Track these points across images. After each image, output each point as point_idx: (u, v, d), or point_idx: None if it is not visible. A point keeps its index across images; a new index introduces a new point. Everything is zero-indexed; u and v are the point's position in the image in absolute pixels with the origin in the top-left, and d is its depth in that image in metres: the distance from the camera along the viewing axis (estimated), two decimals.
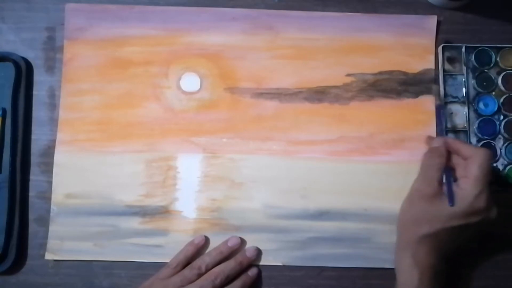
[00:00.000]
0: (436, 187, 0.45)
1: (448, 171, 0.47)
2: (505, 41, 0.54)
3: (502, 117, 0.53)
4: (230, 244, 0.50)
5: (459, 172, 0.47)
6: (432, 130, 0.53)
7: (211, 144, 0.53)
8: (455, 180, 0.46)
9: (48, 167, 0.52)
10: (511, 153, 0.52)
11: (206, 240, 0.51)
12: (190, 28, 0.54)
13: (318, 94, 0.53)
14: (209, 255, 0.49)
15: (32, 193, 0.52)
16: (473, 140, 0.53)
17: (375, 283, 0.51)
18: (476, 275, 0.51)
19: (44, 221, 0.51)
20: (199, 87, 0.54)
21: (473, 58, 0.53)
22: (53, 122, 0.53)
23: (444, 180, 0.46)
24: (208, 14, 0.54)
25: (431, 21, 0.54)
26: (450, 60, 0.54)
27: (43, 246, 0.51)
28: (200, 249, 0.50)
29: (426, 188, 0.46)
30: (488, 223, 0.45)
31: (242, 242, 0.51)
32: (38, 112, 0.53)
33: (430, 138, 0.50)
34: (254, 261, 0.50)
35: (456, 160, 0.47)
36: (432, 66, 0.54)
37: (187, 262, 0.49)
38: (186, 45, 0.54)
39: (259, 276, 0.50)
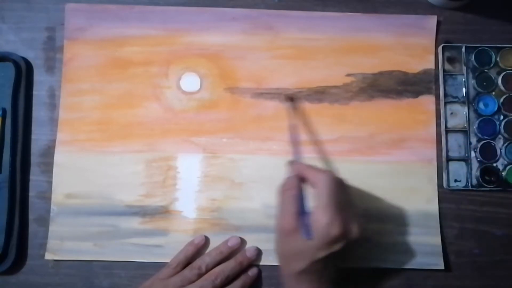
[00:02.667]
0: (293, 222, 0.42)
1: (301, 202, 0.43)
2: (505, 41, 0.54)
3: (502, 117, 0.53)
4: (230, 244, 0.50)
5: (313, 200, 0.43)
6: (432, 130, 0.53)
7: (211, 144, 0.53)
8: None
9: (48, 167, 0.52)
10: (511, 153, 0.52)
11: (206, 240, 0.51)
12: (190, 28, 0.54)
13: (318, 94, 0.53)
14: (209, 255, 0.49)
15: (32, 193, 0.52)
16: (473, 140, 0.53)
17: (375, 283, 0.51)
18: (476, 275, 0.51)
19: (44, 221, 0.51)
20: (199, 87, 0.54)
21: (473, 58, 0.53)
22: (53, 122, 0.53)
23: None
24: (208, 14, 0.54)
25: (431, 21, 0.54)
26: (450, 60, 0.54)
27: (43, 246, 0.51)
28: (200, 249, 0.50)
29: (285, 223, 0.43)
30: (353, 242, 0.42)
31: (242, 242, 0.51)
32: (38, 112, 0.53)
33: (289, 164, 0.47)
34: (254, 261, 0.50)
35: (311, 186, 0.44)
36: (432, 66, 0.54)
37: (187, 262, 0.49)
38: (186, 45, 0.54)
39: (259, 276, 0.50)
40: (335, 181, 0.43)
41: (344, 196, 0.43)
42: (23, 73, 0.53)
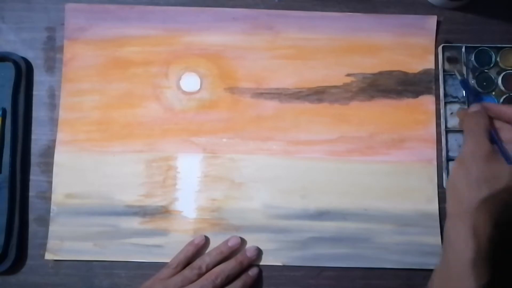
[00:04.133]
0: (489, 146, 0.43)
1: (496, 132, 0.46)
2: (505, 41, 0.54)
3: None
4: (230, 244, 0.50)
5: (504, 135, 0.45)
6: (432, 130, 0.53)
7: (211, 144, 0.53)
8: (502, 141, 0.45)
9: (48, 167, 0.52)
10: None
11: (206, 240, 0.51)
12: (190, 28, 0.54)
13: (318, 94, 0.53)
14: (210, 255, 0.49)
15: (32, 193, 0.52)
16: None
17: (375, 283, 0.51)
18: None
19: (44, 221, 0.51)
20: (199, 87, 0.54)
21: (473, 58, 0.53)
22: (53, 122, 0.53)
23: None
24: (208, 14, 0.54)
25: (431, 21, 0.54)
26: (450, 60, 0.54)
27: (43, 246, 0.51)
28: (200, 249, 0.50)
29: (479, 148, 0.43)
30: None
31: (242, 242, 0.51)
32: (38, 112, 0.53)
33: (463, 111, 0.51)
34: (254, 261, 0.50)
35: (497, 124, 0.46)
36: (432, 66, 0.54)
37: (188, 262, 0.49)
38: (186, 45, 0.54)
39: (259, 276, 0.50)
40: None
41: None
42: (23, 73, 0.53)
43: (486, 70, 0.53)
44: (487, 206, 0.41)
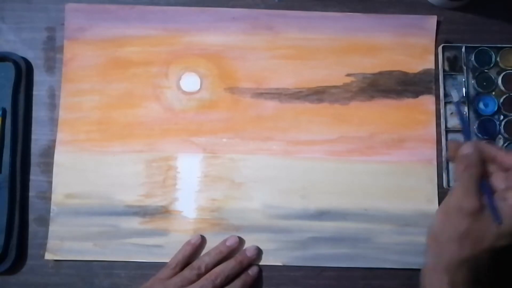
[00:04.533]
0: (478, 202, 0.39)
1: (487, 183, 0.40)
2: (505, 41, 0.54)
3: (502, 117, 0.53)
4: (228, 243, 0.50)
5: (496, 183, 0.40)
6: (432, 130, 0.53)
7: (211, 144, 0.53)
8: (493, 192, 0.40)
9: (48, 167, 0.52)
10: None
11: (203, 239, 0.51)
12: (190, 28, 0.54)
13: (318, 94, 0.53)
14: (209, 255, 0.49)
15: (32, 193, 0.52)
16: (473, 140, 0.52)
17: (375, 283, 0.51)
18: None
19: (44, 221, 0.51)
20: (199, 87, 0.54)
21: (473, 58, 0.53)
22: (53, 122, 0.53)
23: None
24: (208, 14, 0.54)
25: (431, 21, 0.54)
26: (450, 60, 0.54)
27: (43, 246, 0.51)
28: (197, 248, 0.50)
29: (467, 202, 0.39)
30: None
31: (241, 241, 0.51)
32: (38, 112, 0.53)
33: (454, 144, 0.43)
34: (254, 260, 0.50)
35: (490, 169, 0.41)
36: (432, 66, 0.54)
37: (186, 262, 0.49)
38: (186, 45, 0.54)
39: (259, 276, 0.50)
40: None
41: None
42: (23, 73, 0.53)
43: (486, 70, 0.53)
44: (468, 265, 0.39)
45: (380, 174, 0.52)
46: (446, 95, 0.53)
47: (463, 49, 0.53)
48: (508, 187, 0.39)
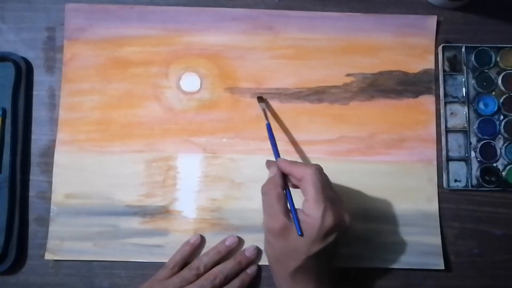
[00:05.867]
0: (282, 220, 0.42)
1: (290, 199, 0.44)
2: (505, 41, 0.54)
3: (502, 117, 0.53)
4: (227, 243, 0.50)
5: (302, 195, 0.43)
6: (432, 130, 0.53)
7: (211, 144, 0.53)
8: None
9: (48, 167, 0.52)
10: (511, 153, 0.52)
11: (202, 239, 0.51)
12: (190, 28, 0.54)
13: (318, 94, 0.53)
14: (207, 255, 0.49)
15: (32, 193, 0.52)
16: (473, 140, 0.53)
17: (375, 283, 0.51)
18: (476, 275, 0.51)
19: (44, 221, 0.51)
20: (199, 87, 0.54)
21: (473, 58, 0.53)
22: (53, 122, 0.53)
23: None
24: (208, 14, 0.54)
25: (431, 21, 0.54)
26: (450, 60, 0.54)
27: (43, 246, 0.51)
28: (196, 248, 0.50)
29: (273, 223, 0.42)
30: (347, 230, 0.43)
31: (240, 241, 0.51)
32: (38, 112, 0.53)
33: (268, 164, 0.48)
34: (253, 260, 0.50)
35: (296, 182, 0.44)
36: (432, 66, 0.54)
37: (184, 262, 0.49)
38: (186, 45, 0.54)
39: (258, 275, 0.50)
40: (321, 174, 0.43)
41: (330, 186, 0.44)
42: (23, 73, 0.53)
43: (486, 70, 0.53)
44: (300, 274, 0.42)
45: (380, 174, 0.52)
46: (446, 95, 0.53)
47: (463, 49, 0.54)
48: (305, 199, 0.42)
